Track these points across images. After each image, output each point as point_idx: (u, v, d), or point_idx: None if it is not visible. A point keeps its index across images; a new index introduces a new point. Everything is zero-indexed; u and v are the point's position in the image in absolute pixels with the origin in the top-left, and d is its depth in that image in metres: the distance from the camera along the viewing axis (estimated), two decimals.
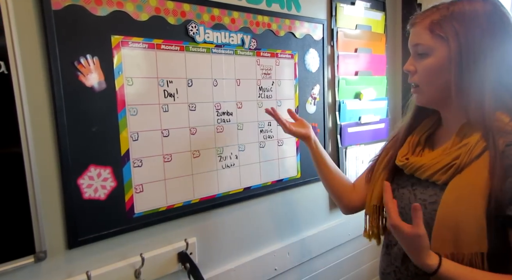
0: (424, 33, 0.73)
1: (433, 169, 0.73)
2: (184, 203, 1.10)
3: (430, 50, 0.73)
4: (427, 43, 0.73)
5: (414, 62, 0.77)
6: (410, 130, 0.86)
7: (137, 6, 0.96)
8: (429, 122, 0.84)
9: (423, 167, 0.75)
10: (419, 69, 0.76)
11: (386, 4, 1.73)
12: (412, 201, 0.78)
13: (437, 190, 0.73)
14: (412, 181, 0.80)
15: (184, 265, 1.07)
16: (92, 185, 0.92)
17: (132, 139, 0.98)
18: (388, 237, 0.87)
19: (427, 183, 0.76)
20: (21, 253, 0.82)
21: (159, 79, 1.02)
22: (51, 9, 0.83)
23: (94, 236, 0.93)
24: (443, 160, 0.72)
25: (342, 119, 1.56)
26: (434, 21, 0.72)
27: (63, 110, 0.86)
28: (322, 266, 1.56)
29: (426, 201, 0.74)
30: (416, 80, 0.77)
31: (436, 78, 0.74)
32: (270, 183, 1.33)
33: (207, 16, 1.10)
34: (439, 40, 0.72)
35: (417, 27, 0.75)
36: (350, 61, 1.57)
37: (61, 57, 0.85)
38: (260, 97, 1.27)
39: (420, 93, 0.78)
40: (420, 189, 0.77)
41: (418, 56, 0.76)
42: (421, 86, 0.77)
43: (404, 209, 0.80)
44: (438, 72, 0.73)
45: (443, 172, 0.72)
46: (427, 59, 0.74)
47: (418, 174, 0.77)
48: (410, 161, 0.79)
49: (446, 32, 0.70)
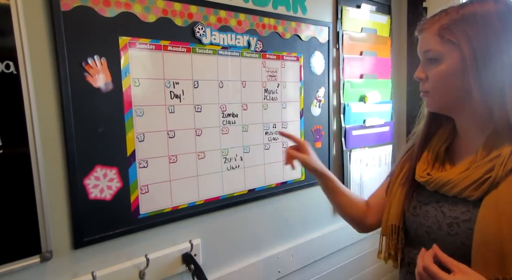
0: (434, 39, 0.70)
1: (463, 185, 0.68)
2: (189, 204, 1.10)
3: (441, 56, 0.70)
4: (437, 49, 0.70)
5: (425, 69, 0.74)
6: (426, 141, 0.81)
7: (144, 7, 0.97)
8: (444, 132, 0.79)
9: (450, 183, 0.69)
10: (430, 76, 0.72)
11: (391, 8, 1.73)
12: (440, 219, 0.72)
13: (470, 206, 0.68)
14: (437, 198, 0.74)
15: (188, 266, 1.07)
16: (98, 186, 0.92)
17: (138, 140, 0.98)
18: (410, 254, 0.79)
19: (455, 199, 0.70)
20: (27, 252, 0.82)
21: (165, 80, 1.03)
22: (60, 10, 0.83)
23: (100, 237, 0.93)
24: (474, 174, 0.67)
25: (347, 122, 1.56)
26: (444, 26, 0.69)
27: (71, 110, 0.87)
28: (326, 269, 1.55)
29: (459, 219, 0.68)
30: (428, 88, 0.74)
31: (449, 85, 0.70)
32: (274, 185, 1.32)
33: (213, 18, 1.11)
34: (450, 45, 0.68)
35: (426, 33, 0.72)
36: (355, 64, 1.57)
37: (69, 58, 0.86)
38: (265, 99, 1.27)
39: (431, 97, 0.75)
40: (448, 206, 0.71)
41: (428, 63, 0.72)
42: (432, 92, 0.74)
43: (431, 228, 0.73)
44: (450, 78, 0.69)
45: (475, 188, 0.66)
46: (439, 65, 0.70)
47: (444, 190, 0.71)
48: (433, 176, 0.73)
49: (457, 37, 0.67)
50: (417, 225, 0.77)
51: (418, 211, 0.77)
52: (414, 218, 0.78)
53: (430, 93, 0.74)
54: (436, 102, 0.75)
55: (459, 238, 0.68)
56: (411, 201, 0.79)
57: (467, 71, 0.67)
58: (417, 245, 0.78)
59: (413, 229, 0.79)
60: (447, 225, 0.70)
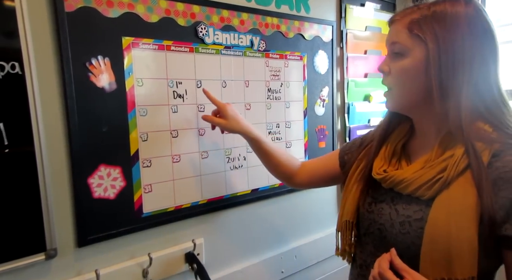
0: (402, 31, 0.69)
1: (417, 184, 0.67)
2: (192, 204, 1.10)
3: (406, 50, 0.69)
4: (404, 43, 0.69)
5: (389, 63, 0.73)
6: (385, 137, 0.80)
7: (147, 7, 0.98)
8: (403, 129, 0.79)
9: (405, 182, 0.69)
10: (393, 70, 0.72)
11: (396, 6, 1.72)
12: (393, 217, 0.72)
13: (423, 206, 0.68)
14: (392, 195, 0.74)
15: (191, 265, 1.07)
16: (102, 185, 0.93)
17: (141, 139, 0.99)
18: (362, 256, 0.80)
19: (409, 198, 0.70)
20: (32, 250, 0.83)
21: (168, 80, 1.03)
22: (64, 11, 0.84)
23: (103, 235, 0.94)
24: (427, 174, 0.67)
25: (351, 122, 1.55)
26: (414, 20, 0.68)
27: (75, 110, 0.88)
28: (329, 270, 1.54)
29: (411, 218, 0.68)
30: (389, 82, 0.73)
31: (411, 81, 0.70)
32: (277, 185, 1.32)
33: (216, 17, 1.11)
34: (417, 40, 0.68)
35: (396, 25, 0.71)
36: (359, 63, 1.56)
37: (73, 58, 0.87)
38: (269, 99, 1.27)
39: (391, 97, 0.74)
40: (402, 204, 0.71)
41: (394, 56, 0.72)
42: (393, 88, 0.73)
43: (384, 226, 0.73)
44: (413, 74, 0.69)
45: (428, 187, 0.66)
46: (403, 60, 0.70)
47: (399, 189, 0.71)
48: (389, 174, 0.72)
49: (425, 33, 0.66)
50: (370, 222, 0.77)
51: (373, 208, 0.77)
52: (368, 214, 0.78)
53: (391, 91, 0.74)
54: (395, 101, 0.74)
55: (409, 237, 0.67)
56: (367, 198, 0.79)
57: (429, 69, 0.67)
58: (366, 245, 0.79)
59: (365, 226, 0.79)
60: (399, 223, 0.70)
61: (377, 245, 0.76)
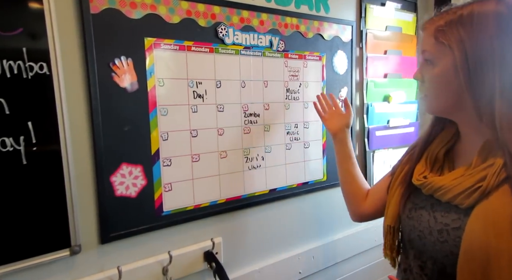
0: (430, 40, 0.69)
1: (455, 191, 0.66)
2: (211, 203, 1.11)
3: (435, 59, 0.69)
4: (432, 51, 0.69)
5: (422, 70, 0.73)
6: (428, 143, 0.79)
7: (169, 9, 0.99)
8: (447, 134, 0.77)
9: (443, 189, 0.68)
10: (426, 78, 0.72)
11: (417, 5, 1.69)
12: (432, 224, 0.71)
13: (461, 214, 0.66)
14: (432, 202, 0.73)
15: (210, 264, 1.08)
16: (124, 183, 0.95)
17: (162, 138, 1.01)
18: (407, 261, 0.79)
19: (449, 206, 0.68)
20: (57, 246, 0.86)
21: (188, 80, 1.05)
22: (90, 13, 0.87)
23: (125, 232, 0.95)
24: (466, 182, 0.65)
25: (370, 122, 1.53)
26: (439, 27, 0.67)
27: (99, 109, 0.90)
28: (347, 271, 1.53)
29: (449, 226, 0.67)
30: (424, 90, 0.73)
31: (442, 89, 0.69)
32: (295, 185, 1.32)
33: (236, 18, 1.12)
34: (443, 48, 0.67)
35: (425, 33, 0.71)
36: (379, 63, 1.54)
37: (97, 59, 0.89)
38: (287, 99, 1.27)
39: (428, 101, 0.74)
40: (440, 211, 0.70)
41: (426, 64, 0.72)
42: (428, 95, 0.73)
43: (423, 233, 0.72)
44: (443, 82, 0.68)
45: (466, 195, 0.64)
46: (434, 68, 0.69)
47: (438, 196, 0.70)
48: (428, 180, 0.71)
49: (450, 40, 0.65)
50: (410, 228, 0.76)
51: (412, 214, 0.76)
52: (408, 220, 0.77)
53: (427, 96, 0.73)
54: (431, 106, 0.74)
55: (448, 246, 0.66)
56: (407, 203, 0.78)
57: (458, 75, 0.65)
58: (409, 249, 0.78)
59: (406, 232, 0.78)
60: (437, 231, 0.69)
61: (419, 251, 0.74)
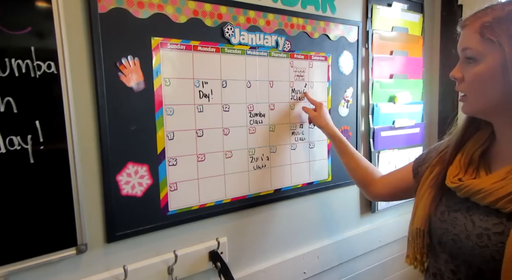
0: (473, 36, 0.66)
1: (497, 195, 0.63)
2: (216, 203, 1.11)
3: (480, 56, 0.66)
4: (476, 48, 0.66)
5: (462, 69, 0.70)
6: (461, 144, 0.76)
7: (176, 8, 0.99)
8: (482, 136, 0.75)
9: (483, 192, 0.65)
10: (467, 77, 0.69)
11: (424, 6, 1.68)
12: (469, 228, 0.68)
13: (504, 219, 0.63)
14: (468, 205, 0.70)
15: (215, 264, 1.08)
16: (130, 182, 0.95)
17: (168, 138, 1.01)
18: (436, 265, 0.77)
19: (488, 209, 0.66)
20: (64, 245, 0.86)
21: (194, 80, 1.05)
22: (98, 12, 0.87)
23: (131, 232, 0.95)
24: (509, 185, 0.63)
25: (375, 123, 1.53)
26: (486, 23, 0.64)
27: (105, 108, 0.90)
28: (351, 272, 1.53)
29: (490, 231, 0.64)
30: (464, 89, 0.70)
31: (486, 88, 0.66)
32: (300, 185, 1.32)
33: (243, 18, 1.12)
34: (490, 45, 0.64)
35: (466, 30, 0.68)
36: (385, 64, 1.53)
37: (105, 58, 0.89)
38: (293, 99, 1.27)
39: (467, 102, 0.71)
40: (479, 215, 0.67)
41: (467, 62, 0.69)
42: (468, 95, 0.70)
43: (458, 236, 0.69)
44: (488, 80, 0.66)
45: (510, 200, 0.62)
46: (477, 66, 0.66)
47: (476, 199, 0.67)
48: (465, 183, 0.69)
49: (499, 36, 0.62)
50: (443, 231, 0.74)
51: (445, 217, 0.74)
52: (441, 223, 0.75)
53: (467, 96, 0.71)
54: (471, 106, 0.71)
55: (488, 251, 0.64)
56: (439, 206, 0.76)
57: (507, 73, 0.63)
58: (440, 253, 0.75)
59: (438, 235, 0.75)
60: (476, 235, 0.66)
61: (452, 255, 0.72)
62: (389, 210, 1.63)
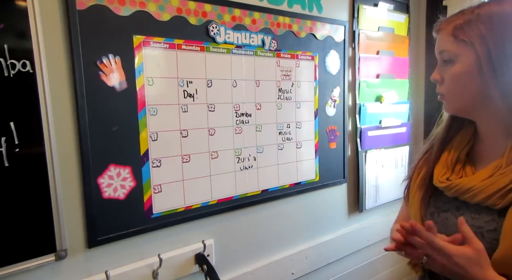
0: (448, 39, 0.69)
1: (487, 192, 0.64)
2: (202, 204, 1.09)
3: (455, 57, 0.68)
4: (451, 50, 0.68)
5: (440, 71, 0.72)
6: (445, 144, 0.78)
7: (159, 6, 0.96)
8: (466, 135, 0.76)
9: (472, 190, 0.66)
10: (446, 78, 0.71)
11: (410, 6, 1.69)
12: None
13: (495, 215, 0.64)
14: (456, 204, 0.70)
15: (201, 266, 1.06)
16: (112, 185, 0.92)
17: (151, 139, 0.98)
18: None
19: (478, 207, 0.66)
20: (42, 251, 0.83)
21: (179, 79, 1.02)
22: (76, 9, 0.84)
23: (113, 236, 0.93)
24: (499, 182, 0.63)
25: (362, 123, 1.53)
26: (457, 26, 0.67)
27: (85, 109, 0.87)
28: (339, 271, 1.52)
29: (483, 229, 0.65)
30: (444, 90, 0.72)
31: (464, 87, 0.68)
32: (288, 186, 1.31)
33: (228, 16, 1.10)
34: (463, 45, 0.67)
35: (441, 34, 0.71)
36: (371, 64, 1.54)
37: (84, 57, 0.86)
38: (279, 99, 1.26)
39: (448, 101, 0.73)
40: (469, 214, 0.68)
41: (444, 64, 0.71)
42: (448, 94, 0.72)
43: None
44: (466, 80, 0.68)
45: (501, 196, 0.62)
46: (454, 66, 0.69)
47: (466, 198, 0.68)
48: (454, 182, 0.69)
49: (471, 37, 0.65)
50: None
51: (436, 218, 0.73)
52: None
53: (446, 96, 0.72)
54: (452, 105, 0.73)
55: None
56: (428, 207, 0.76)
57: (483, 72, 0.65)
58: None
59: None
60: None
61: None
62: (376, 209, 1.63)
